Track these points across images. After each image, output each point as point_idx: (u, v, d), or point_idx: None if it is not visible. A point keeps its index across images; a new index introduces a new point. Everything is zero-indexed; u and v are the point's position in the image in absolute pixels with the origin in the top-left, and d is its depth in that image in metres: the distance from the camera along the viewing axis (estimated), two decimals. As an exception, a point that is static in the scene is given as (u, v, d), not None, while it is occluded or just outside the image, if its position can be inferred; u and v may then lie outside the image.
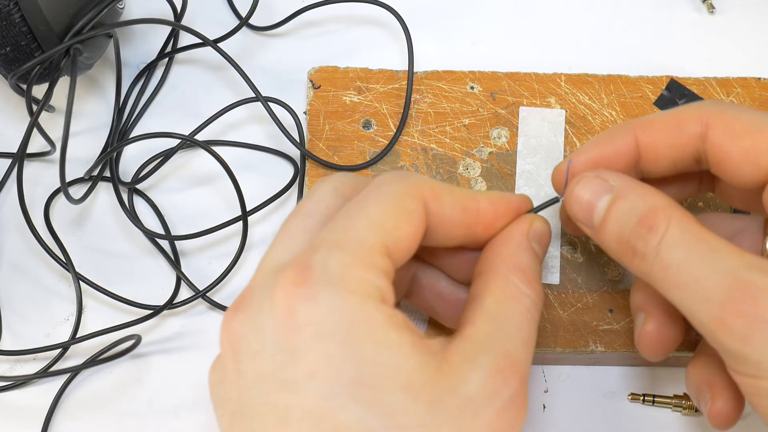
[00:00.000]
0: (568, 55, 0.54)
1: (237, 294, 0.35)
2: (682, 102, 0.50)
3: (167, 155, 0.52)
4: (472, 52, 0.54)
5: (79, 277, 0.49)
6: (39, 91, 0.48)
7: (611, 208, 0.37)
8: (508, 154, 0.49)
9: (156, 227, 0.52)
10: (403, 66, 0.52)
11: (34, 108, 0.47)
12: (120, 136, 0.53)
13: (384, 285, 0.33)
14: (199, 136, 0.50)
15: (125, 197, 0.52)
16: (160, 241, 0.51)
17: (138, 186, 0.52)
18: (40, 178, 0.53)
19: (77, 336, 0.49)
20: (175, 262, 0.51)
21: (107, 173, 0.52)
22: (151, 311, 0.49)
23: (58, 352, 0.49)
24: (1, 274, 0.51)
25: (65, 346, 0.49)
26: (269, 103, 0.50)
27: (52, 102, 0.48)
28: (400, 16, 0.52)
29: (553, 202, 0.41)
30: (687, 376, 0.41)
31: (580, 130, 0.50)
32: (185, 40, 0.55)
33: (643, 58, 0.53)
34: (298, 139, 0.50)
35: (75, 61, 0.47)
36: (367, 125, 0.50)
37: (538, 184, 0.49)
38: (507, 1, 0.55)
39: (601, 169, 0.39)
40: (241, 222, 0.49)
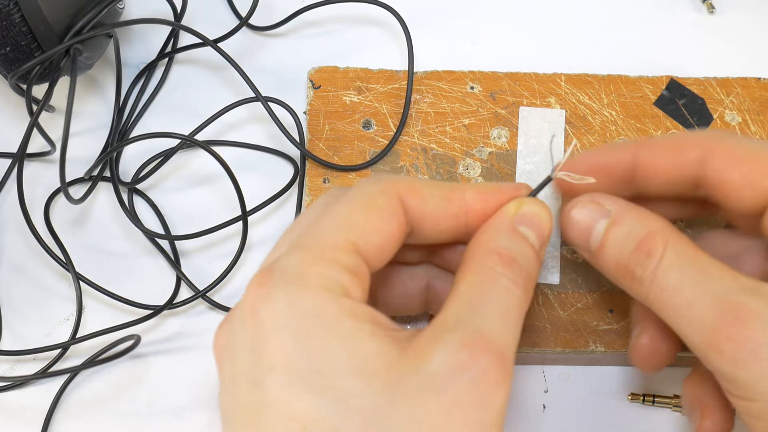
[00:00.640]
0: (568, 55, 0.54)
1: (237, 294, 0.36)
2: (682, 102, 0.50)
3: (167, 155, 0.52)
4: (472, 52, 0.54)
5: (79, 277, 0.49)
6: (39, 91, 0.48)
7: (608, 233, 0.37)
8: (508, 154, 0.49)
9: (156, 227, 0.52)
10: (403, 66, 0.52)
11: (34, 108, 0.47)
12: (120, 136, 0.53)
13: (346, 279, 0.33)
14: (199, 136, 0.50)
15: (125, 197, 0.52)
16: (160, 241, 0.51)
17: (138, 186, 0.52)
18: (40, 178, 0.53)
19: (77, 336, 0.49)
20: (175, 262, 0.51)
21: (107, 173, 0.52)
22: (151, 311, 0.49)
23: (58, 352, 0.49)
24: (1, 274, 0.51)
25: (65, 347, 0.49)
26: (269, 103, 0.50)
27: (52, 102, 0.48)
28: (400, 16, 0.52)
29: (546, 182, 0.40)
30: (682, 391, 0.41)
31: (580, 130, 0.50)
32: (185, 40, 0.55)
33: (643, 58, 0.53)
34: (298, 139, 0.50)
35: (75, 61, 0.47)
36: (367, 125, 0.50)
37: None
38: (507, 1, 0.55)
39: (597, 193, 0.38)
40: (241, 222, 0.49)
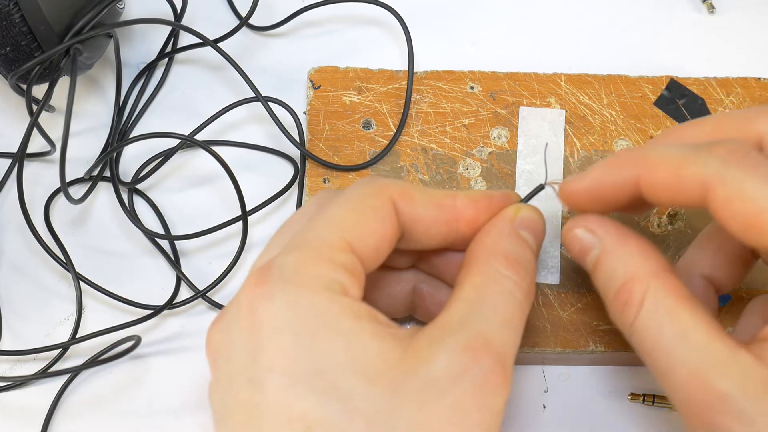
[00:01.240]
0: (568, 55, 0.54)
1: (237, 294, 0.35)
2: (682, 102, 0.50)
3: (167, 155, 0.52)
4: (472, 52, 0.54)
5: (79, 277, 0.49)
6: (39, 91, 0.48)
7: (597, 267, 0.37)
8: (508, 154, 0.49)
9: (156, 227, 0.52)
10: (403, 66, 0.52)
11: (34, 108, 0.47)
12: (120, 136, 0.53)
13: (344, 278, 0.33)
14: (199, 136, 0.50)
15: (125, 197, 0.52)
16: (160, 241, 0.51)
17: (138, 186, 0.52)
18: (40, 178, 0.53)
19: (77, 336, 0.49)
20: (175, 262, 0.51)
21: (107, 173, 0.52)
22: (151, 311, 0.49)
23: (58, 352, 0.49)
24: (1, 274, 0.51)
25: (65, 347, 0.49)
26: (269, 103, 0.50)
27: (52, 102, 0.48)
28: (400, 16, 0.52)
29: (538, 190, 0.40)
30: None
31: (580, 130, 0.50)
32: (185, 40, 0.55)
33: (643, 58, 0.53)
34: (298, 139, 0.50)
35: (75, 61, 0.47)
36: (367, 125, 0.50)
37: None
38: (507, 1, 0.55)
39: (590, 216, 0.38)
40: (241, 222, 0.49)
